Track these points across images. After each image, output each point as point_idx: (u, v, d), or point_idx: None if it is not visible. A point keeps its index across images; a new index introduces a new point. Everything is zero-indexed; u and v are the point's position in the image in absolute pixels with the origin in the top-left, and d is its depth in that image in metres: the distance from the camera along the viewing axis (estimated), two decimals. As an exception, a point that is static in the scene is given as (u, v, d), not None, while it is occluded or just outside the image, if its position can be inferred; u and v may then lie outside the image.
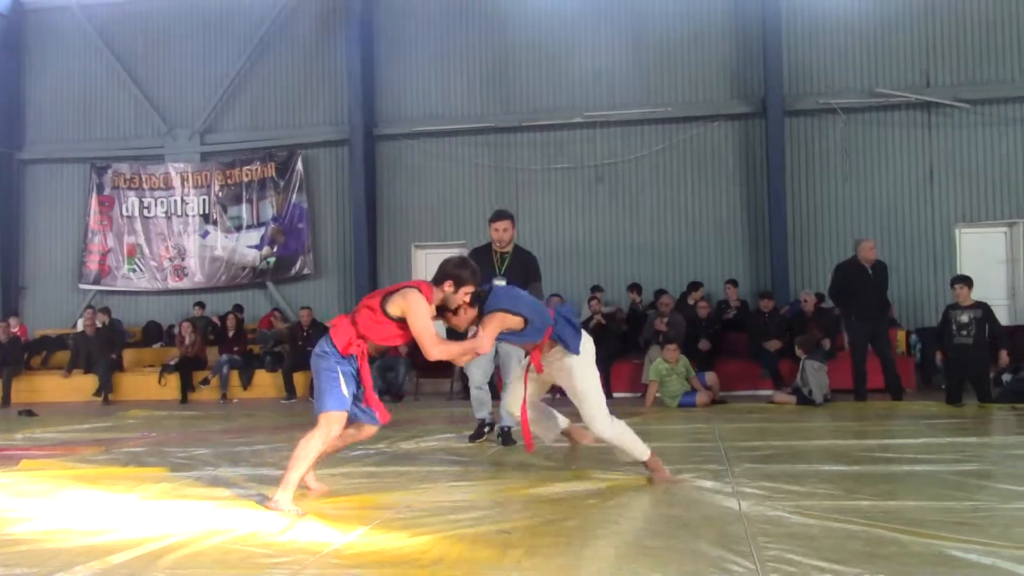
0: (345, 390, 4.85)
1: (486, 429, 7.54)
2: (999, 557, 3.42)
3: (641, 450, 5.31)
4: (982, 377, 10.17)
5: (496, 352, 7.19)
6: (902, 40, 15.05)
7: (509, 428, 7.24)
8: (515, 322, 5.09)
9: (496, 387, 8.37)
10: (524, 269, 7.47)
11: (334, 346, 4.89)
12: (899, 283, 14.13)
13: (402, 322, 4.87)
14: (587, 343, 5.35)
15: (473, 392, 7.60)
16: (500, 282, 6.60)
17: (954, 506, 4.45)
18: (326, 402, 4.83)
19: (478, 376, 7.46)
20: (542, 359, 5.35)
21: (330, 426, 4.83)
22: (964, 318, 10.20)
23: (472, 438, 7.53)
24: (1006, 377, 10.43)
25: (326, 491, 5.17)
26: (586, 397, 5.23)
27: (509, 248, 7.52)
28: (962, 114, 14.81)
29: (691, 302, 13.62)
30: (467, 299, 5.03)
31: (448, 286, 4.98)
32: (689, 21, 15.70)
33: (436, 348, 4.87)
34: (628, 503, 4.79)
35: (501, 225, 7.47)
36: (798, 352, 10.94)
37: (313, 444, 4.80)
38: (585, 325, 13.23)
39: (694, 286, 14.11)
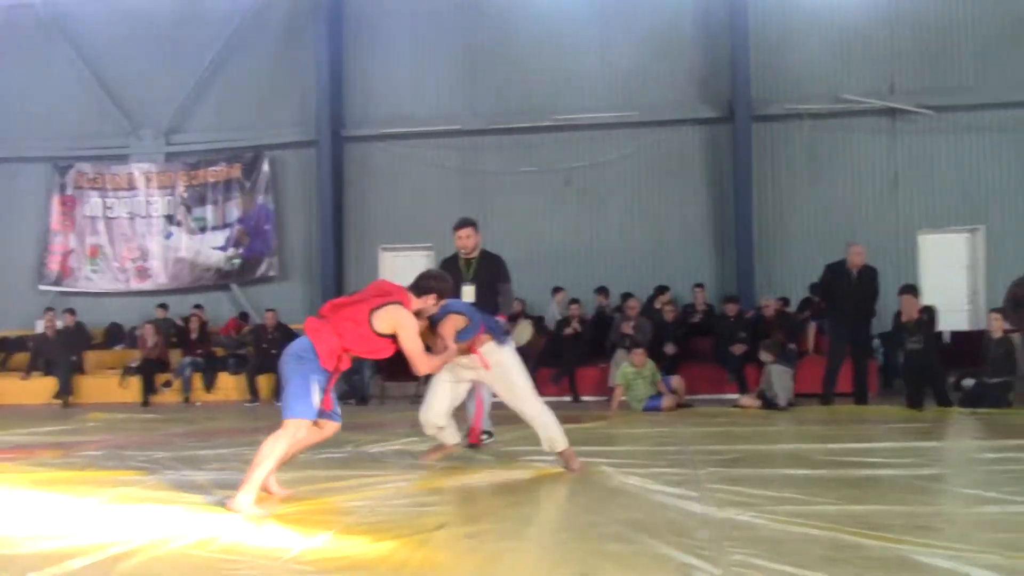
0: (315, 399, 4.84)
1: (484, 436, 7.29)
2: (960, 561, 3.43)
3: (561, 438, 5.80)
4: (937, 381, 10.29)
5: None
6: (866, 47, 15.20)
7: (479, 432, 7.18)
8: (462, 321, 5.63)
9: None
10: (492, 273, 7.49)
11: (316, 353, 4.86)
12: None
13: (392, 338, 5.02)
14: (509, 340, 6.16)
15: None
16: (469, 288, 6.68)
17: (916, 510, 4.48)
18: (295, 408, 4.81)
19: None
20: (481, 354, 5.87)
21: (296, 430, 4.83)
22: (912, 324, 10.34)
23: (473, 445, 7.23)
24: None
25: (288, 495, 5.11)
26: (516, 383, 5.87)
27: (475, 254, 7.56)
28: (925, 120, 14.96)
29: (657, 306, 13.65)
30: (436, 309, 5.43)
31: (431, 299, 5.29)
32: (658, 26, 15.73)
33: (426, 365, 5.23)
34: (594, 506, 4.77)
35: (464, 233, 7.53)
36: (763, 356, 11.00)
37: (278, 445, 4.78)
38: (560, 330, 13.32)
39: (660, 290, 14.16)
